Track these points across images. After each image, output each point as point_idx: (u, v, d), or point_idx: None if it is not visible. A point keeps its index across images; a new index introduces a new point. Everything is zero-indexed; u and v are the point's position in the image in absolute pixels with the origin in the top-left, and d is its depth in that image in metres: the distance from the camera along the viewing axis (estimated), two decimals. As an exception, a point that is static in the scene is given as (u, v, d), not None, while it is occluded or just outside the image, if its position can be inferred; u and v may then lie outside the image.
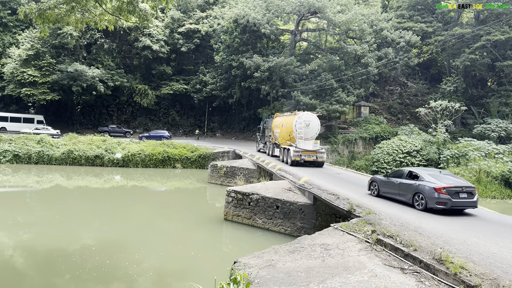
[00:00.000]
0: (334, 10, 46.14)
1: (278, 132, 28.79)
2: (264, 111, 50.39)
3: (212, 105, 59.91)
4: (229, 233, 16.98)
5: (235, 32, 51.66)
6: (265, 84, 49.37)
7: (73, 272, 11.52)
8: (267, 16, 49.31)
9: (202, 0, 60.83)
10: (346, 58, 47.56)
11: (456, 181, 12.87)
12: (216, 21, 57.05)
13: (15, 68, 47.57)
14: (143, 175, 32.59)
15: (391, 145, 38.85)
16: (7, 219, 18.01)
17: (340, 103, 43.90)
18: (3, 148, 32.93)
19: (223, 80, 55.69)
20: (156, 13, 10.34)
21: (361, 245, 9.59)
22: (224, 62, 53.24)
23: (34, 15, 9.93)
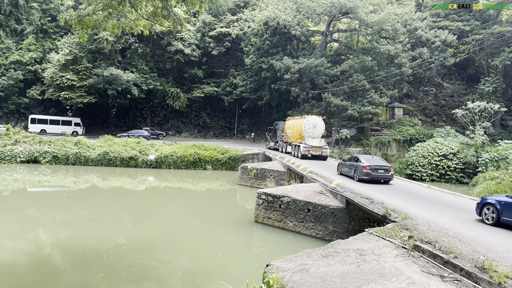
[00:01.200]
0: (366, 10, 45.32)
1: (290, 133, 34.57)
2: (294, 113, 50.10)
3: (242, 107, 60.25)
4: (260, 235, 16.92)
5: (265, 34, 51.76)
6: (295, 86, 49.13)
7: (106, 270, 11.83)
8: (297, 17, 49.10)
9: (233, 4, 61.37)
10: (379, 58, 46.56)
11: (378, 162, 19.40)
12: (246, 24, 57.39)
13: (55, 72, 49.75)
14: (175, 176, 33.16)
15: (426, 147, 37.66)
16: (46, 218, 18.79)
17: (372, 105, 43.01)
18: (43, 150, 34.44)
19: (253, 83, 55.89)
20: (189, 17, 10.47)
21: (398, 251, 9.28)
22: (254, 65, 53.42)
23: (74, 22, 10.28)
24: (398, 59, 46.38)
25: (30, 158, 33.92)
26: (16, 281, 10.96)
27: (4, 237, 14.97)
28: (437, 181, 35.29)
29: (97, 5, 9.81)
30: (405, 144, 43.23)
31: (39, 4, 57.23)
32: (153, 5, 9.69)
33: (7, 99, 52.93)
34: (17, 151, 33.97)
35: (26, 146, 35.07)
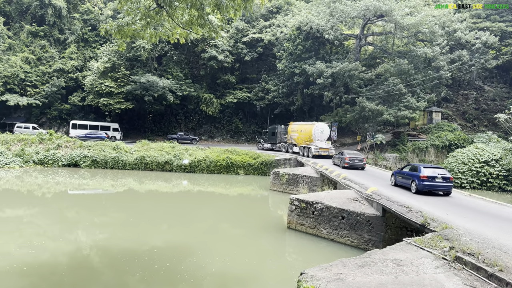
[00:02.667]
0: (402, 13, 44.26)
1: (296, 136, 40.48)
2: (327, 118, 49.56)
3: (274, 112, 60.24)
4: (292, 241, 16.77)
5: (298, 39, 51.65)
6: (328, 90, 48.60)
7: (141, 272, 12.09)
8: (331, 21, 48.68)
9: (266, 10, 61.72)
10: (416, 61, 45.25)
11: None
12: (279, 30, 57.53)
13: (94, 79, 51.86)
14: (208, 180, 33.56)
15: (466, 153, 36.13)
16: (85, 219, 19.51)
17: (409, 109, 41.80)
18: (83, 154, 35.88)
19: (285, 87, 55.83)
20: (223, 25, 10.60)
21: (438, 262, 8.91)
22: (287, 70, 53.36)
23: (114, 31, 10.67)
24: (436, 62, 44.88)
25: (71, 162, 35.44)
26: (57, 281, 11.41)
27: (46, 238, 15.67)
28: (478, 189, 33.71)
29: (135, 15, 10.14)
30: (444, 150, 41.64)
31: (80, 15, 59.99)
32: (189, 13, 9.89)
33: (50, 106, 55.67)
34: (59, 155, 35.59)
35: (68, 150, 36.68)
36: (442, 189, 17.32)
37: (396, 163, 39.44)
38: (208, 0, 9.21)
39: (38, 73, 55.10)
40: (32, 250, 13.73)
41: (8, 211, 20.50)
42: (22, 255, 13.11)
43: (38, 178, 29.96)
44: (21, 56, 54.79)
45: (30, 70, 54.56)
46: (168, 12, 9.79)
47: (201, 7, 9.23)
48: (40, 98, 53.66)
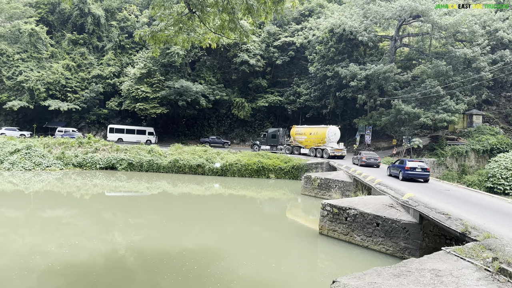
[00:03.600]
0: (439, 13, 42.78)
1: (304, 138, 44.16)
2: (361, 121, 48.56)
3: (305, 115, 59.75)
4: (324, 248, 16.46)
5: (330, 41, 51.05)
6: (362, 93, 47.64)
7: (174, 274, 12.22)
8: (364, 23, 47.79)
9: (298, 13, 61.49)
10: (454, 62, 43.51)
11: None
12: (311, 33, 57.12)
13: (131, 85, 53.52)
14: (239, 184, 33.68)
15: (510, 158, 34.27)
16: (121, 221, 20.05)
17: (447, 112, 40.21)
18: (119, 157, 37.02)
19: (317, 91, 55.27)
20: (254, 29, 10.59)
21: (480, 273, 8.41)
22: (319, 73, 52.83)
23: (148, 37, 10.91)
24: (476, 63, 42.94)
25: (108, 164, 36.64)
26: (93, 280, 11.75)
27: (84, 238, 16.21)
28: (524, 196, 31.82)
29: (168, 20, 10.32)
30: (485, 154, 39.70)
31: (117, 22, 62.19)
32: (221, 18, 9.95)
33: (89, 110, 57.95)
34: (97, 158, 36.89)
35: (105, 153, 37.98)
36: (421, 177, 23.18)
37: (434, 168, 37.99)
38: (240, 4, 9.23)
39: (78, 79, 57.56)
40: (71, 250, 14.23)
41: (49, 212, 21.43)
42: (61, 254, 13.61)
43: (77, 180, 31.18)
44: (63, 63, 57.45)
45: (71, 76, 57.10)
46: (200, 17, 9.89)
47: (232, 11, 9.26)
48: (79, 103, 56.01)
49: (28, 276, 11.50)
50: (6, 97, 53.44)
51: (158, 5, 10.20)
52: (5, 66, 54.69)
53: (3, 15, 59.17)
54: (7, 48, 55.42)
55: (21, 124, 56.82)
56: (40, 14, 60.69)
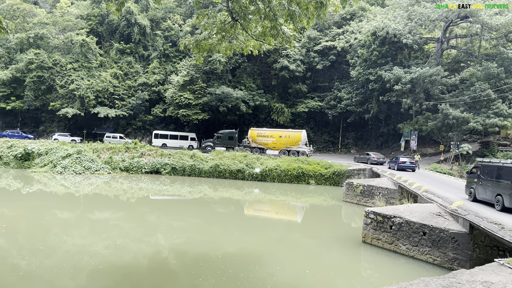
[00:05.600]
0: (489, 13, 40.62)
1: (272, 141, 47.33)
2: (406, 126, 46.98)
3: (346, 120, 58.71)
4: (368, 256, 16.01)
5: (373, 45, 49.97)
6: (407, 97, 46.13)
7: (215, 277, 12.36)
8: (409, 25, 46.41)
9: (339, 17, 60.77)
10: (507, 64, 41.11)
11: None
12: (352, 36, 56.24)
13: (174, 92, 55.26)
14: (279, 189, 33.60)
15: None
16: (164, 224, 20.64)
17: (499, 116, 38.00)
18: (163, 162, 38.19)
19: (359, 95, 54.19)
20: (296, 34, 10.60)
21: (539, 290, 7.82)
22: (361, 77, 51.81)
23: (192, 46, 11.24)
24: (532, 64, 40.38)
25: (153, 169, 37.89)
26: (137, 281, 12.15)
27: (130, 240, 16.83)
28: None
29: (212, 29, 10.58)
30: (543, 161, 36.96)
31: (162, 32, 64.51)
32: (262, 25, 10.06)
33: (135, 117, 60.38)
34: (143, 163, 38.27)
35: (150, 158, 39.33)
36: (409, 168, 32.80)
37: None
38: (281, 11, 9.29)
39: (125, 87, 60.22)
40: (117, 251, 14.83)
41: (97, 214, 22.47)
42: (108, 255, 14.22)
43: (123, 184, 32.50)
44: (111, 72, 60.37)
45: (118, 84, 59.86)
46: (242, 25, 10.05)
47: (274, 18, 9.33)
48: (126, 110, 58.54)
49: (77, 275, 12.10)
50: (59, 105, 56.91)
51: (202, 14, 10.49)
52: (58, 75, 58.32)
53: (57, 28, 63.29)
54: (61, 58, 59.11)
55: (72, 130, 60.23)
56: (90, 25, 64.29)
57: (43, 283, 11.41)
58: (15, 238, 15.82)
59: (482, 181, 16.04)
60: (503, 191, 14.25)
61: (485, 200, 15.83)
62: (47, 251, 14.18)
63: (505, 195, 14.07)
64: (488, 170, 15.77)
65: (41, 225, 18.44)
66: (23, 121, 62.81)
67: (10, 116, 62.11)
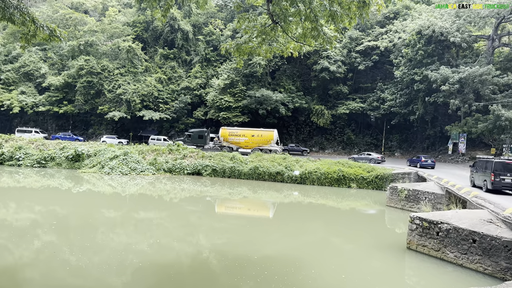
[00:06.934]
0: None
1: (244, 140, 50.08)
2: (454, 128, 44.88)
3: (390, 122, 56.94)
4: (412, 264, 15.41)
5: (418, 44, 48.25)
6: (455, 98, 44.07)
7: (255, 279, 12.39)
8: (456, 23, 44.39)
9: (382, 16, 59.25)
10: None
11: None
12: (396, 35, 54.62)
13: (215, 95, 56.33)
14: (319, 192, 33.18)
15: None
16: (205, 224, 21.01)
17: (558, 118, 35.33)
18: (204, 164, 38.94)
19: (403, 96, 52.47)
20: (337, 35, 10.45)
21: None
22: (405, 77, 50.16)
23: (233, 50, 11.40)
24: None
25: (195, 170, 38.74)
26: (180, 280, 12.45)
27: (172, 239, 17.29)
28: None
29: (252, 33, 10.67)
30: None
31: (204, 37, 65.99)
32: (303, 27, 10.01)
33: (178, 120, 62.09)
34: (185, 165, 39.25)
35: (192, 160, 40.25)
36: (430, 166, 38.21)
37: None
38: (322, 12, 9.19)
39: (169, 91, 62.16)
40: (160, 249, 15.28)
41: (142, 214, 23.29)
42: (151, 253, 14.69)
43: (167, 184, 33.47)
44: (155, 76, 62.55)
45: (162, 88, 61.91)
46: (283, 27, 10.06)
47: (315, 19, 9.25)
48: (170, 113, 60.41)
49: (123, 272, 12.58)
50: (107, 108, 59.73)
51: (243, 18, 10.61)
52: (106, 80, 61.23)
53: (106, 35, 66.51)
54: (108, 64, 62.04)
55: (119, 133, 62.95)
56: (136, 32, 66.98)
57: (91, 279, 11.98)
58: (66, 235, 16.74)
59: (478, 171, 22.74)
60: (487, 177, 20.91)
61: (478, 186, 22.42)
62: (95, 248, 14.88)
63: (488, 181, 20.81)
64: (480, 163, 22.62)
65: (90, 223, 19.39)
66: (74, 124, 66.51)
67: (62, 120, 65.98)
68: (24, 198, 25.57)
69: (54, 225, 18.13)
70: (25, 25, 10.03)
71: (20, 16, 9.80)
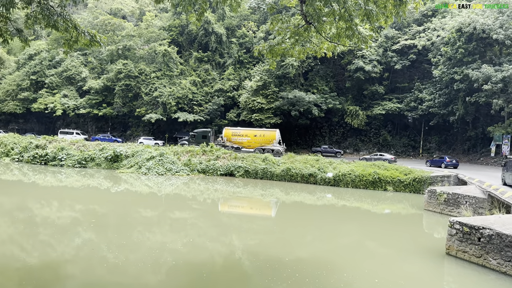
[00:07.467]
0: None
1: (247, 139, 50.65)
2: (497, 130, 42.79)
3: (428, 123, 55.02)
4: (452, 270, 14.80)
5: (458, 42, 46.40)
6: (498, 97, 42.02)
7: (286, 281, 12.30)
8: (499, 19, 42.36)
9: (420, 14, 57.46)
10: None
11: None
12: (435, 34, 52.82)
13: (248, 97, 56.69)
14: (353, 195, 32.57)
15: None
16: (237, 225, 21.14)
17: None
18: (237, 165, 39.23)
19: (442, 96, 50.61)
20: (373, 34, 10.22)
21: None
22: (444, 76, 48.36)
23: (265, 52, 11.41)
24: None
25: (227, 171, 39.13)
26: (212, 280, 12.59)
27: (206, 239, 17.53)
28: None
29: (285, 34, 10.65)
30: None
31: (237, 39, 66.60)
32: (337, 27, 9.87)
33: (212, 121, 62.98)
34: (218, 165, 39.72)
35: (225, 161, 40.67)
36: (453, 165, 40.59)
37: None
38: (357, 11, 9.03)
39: (203, 94, 63.23)
40: (194, 249, 15.53)
41: (177, 213, 23.78)
42: (186, 253, 14.95)
43: (200, 185, 34.01)
44: (190, 79, 63.81)
45: (196, 91, 63.07)
46: (316, 28, 9.96)
47: (349, 18, 9.10)
48: (203, 115, 61.47)
49: (158, 271, 12.88)
50: (144, 111, 61.58)
51: (276, 19, 10.61)
52: (143, 83, 63.14)
53: (143, 39, 68.59)
54: (145, 67, 63.93)
55: (155, 134, 64.70)
56: (171, 36, 68.64)
57: (128, 276, 12.35)
58: (104, 233, 17.36)
59: (508, 170, 22.83)
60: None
61: (509, 184, 22.53)
62: (132, 246, 15.34)
63: None
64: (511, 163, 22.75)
65: (127, 222, 20.02)
66: (112, 126, 69.04)
67: (101, 122, 68.66)
68: (65, 197, 26.79)
69: (93, 223, 18.87)
70: (68, 32, 10.52)
71: (63, 23, 10.29)
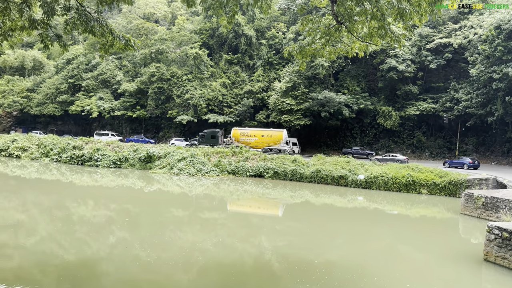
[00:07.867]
0: None
1: (254, 140, 51.31)
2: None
3: (465, 124, 52.95)
4: (490, 277, 14.18)
5: (497, 39, 44.45)
6: (542, 97, 39.85)
7: (315, 283, 12.18)
8: (543, 14, 40.12)
9: (455, 12, 55.46)
10: None
11: None
12: (472, 31, 50.86)
13: (277, 98, 56.63)
14: (386, 198, 31.82)
15: None
16: (267, 226, 21.15)
17: None
18: (266, 166, 39.28)
19: (480, 96, 48.58)
20: (407, 33, 9.98)
21: None
22: (482, 75, 46.42)
23: (295, 53, 11.38)
24: None
25: (257, 172, 39.24)
26: (242, 280, 12.66)
27: (236, 239, 17.66)
28: None
29: (316, 34, 10.58)
30: None
31: (266, 41, 66.72)
32: (369, 26, 9.70)
33: (241, 123, 63.37)
34: (247, 167, 39.91)
35: (254, 162, 40.82)
36: (474, 166, 42.23)
37: None
38: (390, 10, 8.84)
39: (232, 95, 63.79)
40: (224, 249, 15.68)
41: (207, 214, 24.09)
42: (216, 253, 15.12)
43: (230, 186, 34.29)
44: (220, 81, 64.54)
45: (226, 93, 63.73)
46: (348, 27, 9.84)
47: (382, 17, 8.92)
48: (233, 117, 62.00)
49: (189, 270, 13.10)
50: (176, 113, 62.87)
51: (306, 20, 10.57)
52: (175, 86, 64.48)
53: (174, 43, 70.06)
54: (177, 70, 65.26)
55: (186, 135, 65.86)
56: (202, 39, 69.71)
57: (160, 274, 12.63)
58: (137, 231, 17.84)
59: None
60: None
61: None
62: (163, 245, 15.68)
63: None
64: None
65: (159, 221, 20.48)
66: (146, 127, 70.86)
67: (135, 123, 70.64)
68: (101, 196, 27.75)
69: (126, 222, 19.44)
70: (104, 36, 10.93)
71: (99, 28, 10.70)
